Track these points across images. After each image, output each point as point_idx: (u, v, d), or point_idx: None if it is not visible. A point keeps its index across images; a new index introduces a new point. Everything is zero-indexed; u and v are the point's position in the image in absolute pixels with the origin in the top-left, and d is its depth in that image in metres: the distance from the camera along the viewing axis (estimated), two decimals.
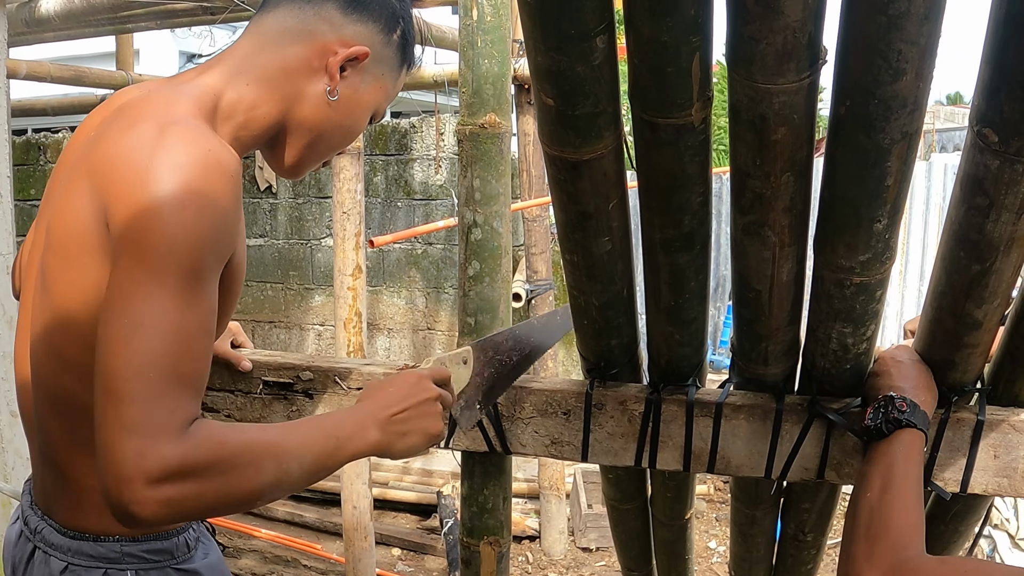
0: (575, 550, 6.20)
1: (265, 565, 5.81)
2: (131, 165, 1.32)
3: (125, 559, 1.54)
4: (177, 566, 1.59)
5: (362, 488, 3.39)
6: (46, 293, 1.48)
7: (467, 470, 2.04)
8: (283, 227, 8.56)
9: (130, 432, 1.18)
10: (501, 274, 1.92)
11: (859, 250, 1.49)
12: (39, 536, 1.58)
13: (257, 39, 1.59)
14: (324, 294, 8.46)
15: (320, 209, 8.34)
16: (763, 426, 1.78)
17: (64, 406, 1.50)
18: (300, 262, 8.55)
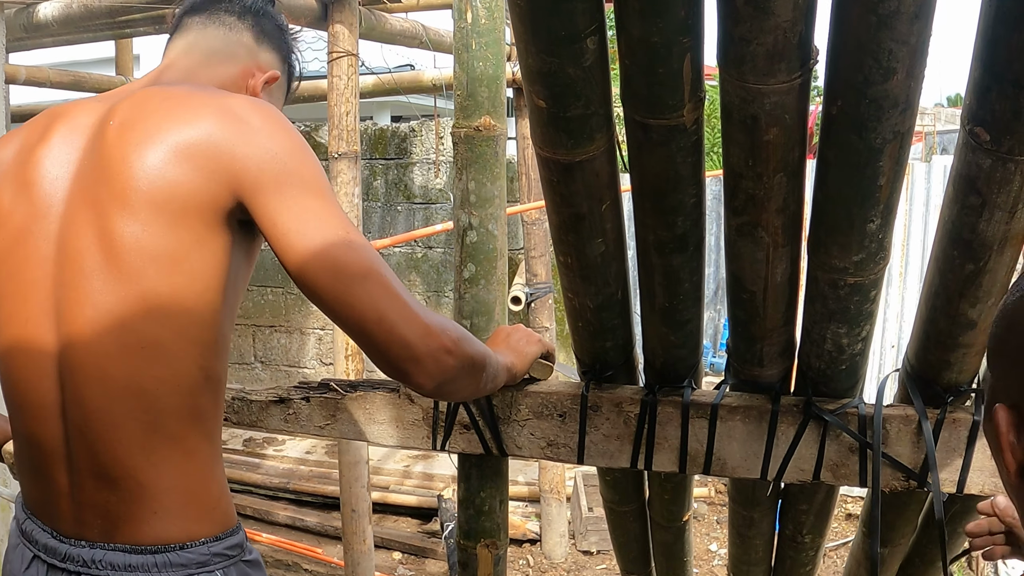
0: (576, 553, 6.19)
1: (267, 569, 5.81)
2: (249, 129, 1.46)
3: (213, 560, 1.53)
4: (244, 559, 1.61)
5: (360, 491, 3.38)
6: (117, 268, 1.43)
7: (464, 473, 2.04)
8: None
9: (418, 309, 1.42)
10: (496, 276, 1.91)
11: (853, 250, 1.49)
12: (101, 564, 1.50)
13: (192, 57, 1.72)
14: None
15: None
16: (759, 427, 1.78)
17: (145, 403, 1.46)
18: None
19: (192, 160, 1.42)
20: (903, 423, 1.76)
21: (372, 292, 1.39)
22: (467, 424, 1.93)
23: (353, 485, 3.37)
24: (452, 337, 1.45)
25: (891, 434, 1.76)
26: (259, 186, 1.41)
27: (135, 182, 1.42)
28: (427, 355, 1.41)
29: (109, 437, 1.47)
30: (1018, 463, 0.90)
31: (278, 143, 1.45)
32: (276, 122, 1.48)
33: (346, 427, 2.03)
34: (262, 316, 8.76)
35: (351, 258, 1.40)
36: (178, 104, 1.49)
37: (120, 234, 1.43)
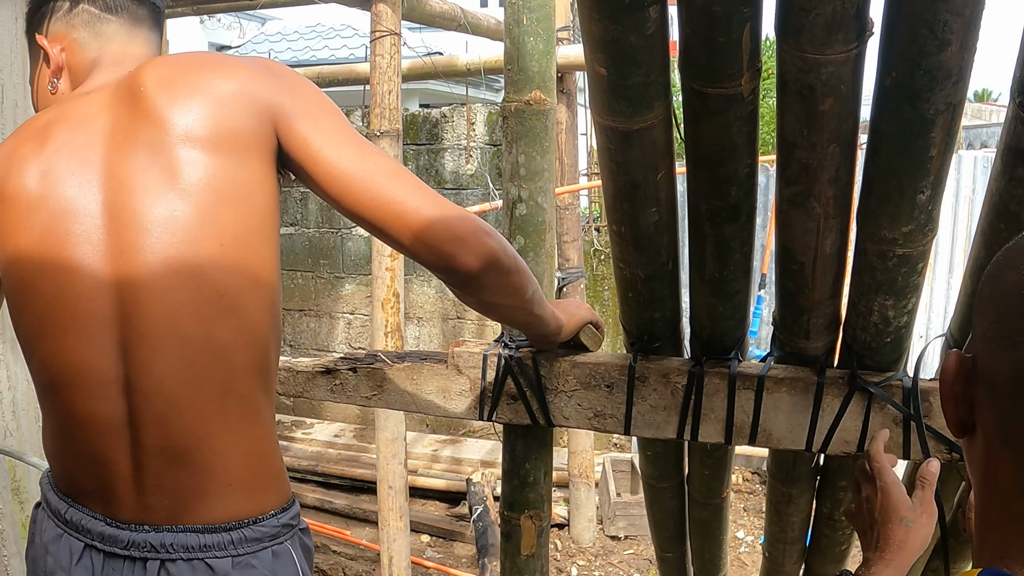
0: (604, 538, 6.22)
1: None
2: (278, 77, 1.53)
3: (283, 531, 1.52)
4: (301, 528, 1.62)
5: (398, 468, 3.41)
6: (198, 226, 1.43)
7: (508, 443, 2.07)
8: (314, 216, 8.60)
9: (450, 203, 1.51)
10: (545, 249, 1.94)
11: (902, 221, 1.51)
12: (170, 547, 1.46)
13: (146, 47, 1.70)
14: (354, 283, 8.50)
15: None
16: (804, 399, 1.80)
17: (218, 356, 1.44)
18: (331, 251, 8.59)
19: (241, 105, 1.47)
20: None
21: (406, 185, 1.48)
22: (514, 395, 1.96)
23: (391, 462, 3.40)
24: (485, 225, 1.52)
25: (934, 407, 1.78)
26: (292, 116, 1.49)
27: (197, 127, 1.44)
28: (469, 233, 1.46)
29: (183, 404, 1.44)
30: (958, 416, 0.88)
31: (299, 83, 1.55)
32: (290, 71, 1.60)
33: (393, 397, 2.06)
34: (292, 300, 8.81)
35: (380, 161, 1.50)
36: (208, 62, 1.54)
37: (188, 177, 1.43)
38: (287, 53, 14.07)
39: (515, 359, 1.94)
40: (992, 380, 0.83)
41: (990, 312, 0.86)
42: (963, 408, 0.88)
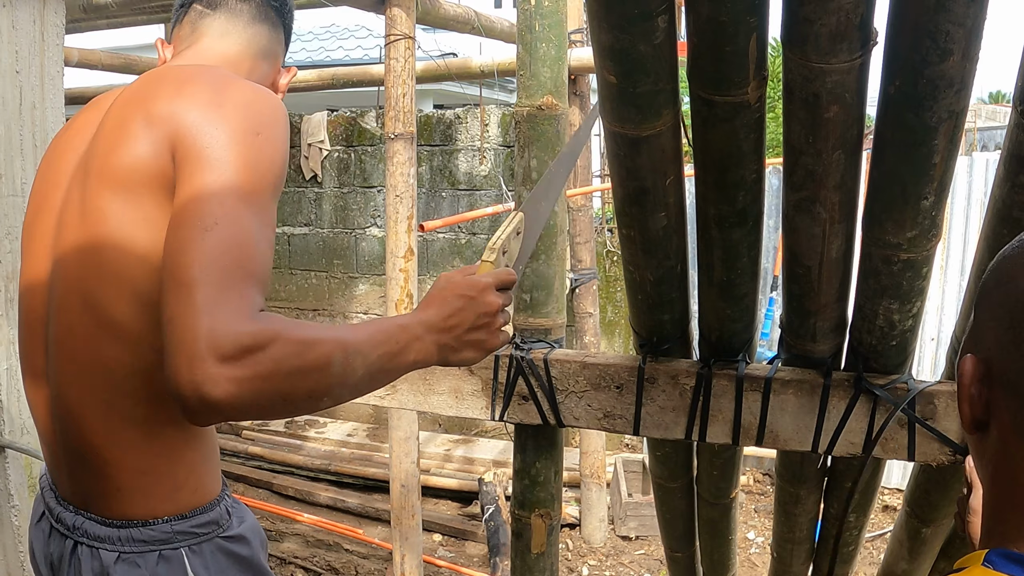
0: (615, 538, 6.24)
1: (307, 549, 5.89)
2: (204, 104, 1.39)
3: (176, 538, 1.53)
4: (223, 535, 1.60)
5: (411, 467, 3.44)
6: (85, 243, 1.44)
7: (519, 443, 2.10)
8: (328, 216, 8.64)
9: (203, 312, 1.18)
10: (557, 252, 1.97)
11: (906, 227, 1.54)
12: (80, 531, 1.54)
13: (237, 47, 1.69)
14: (368, 283, 8.54)
15: (365, 199, 8.41)
16: (811, 401, 1.83)
17: (107, 381, 1.46)
18: (345, 251, 8.62)
19: (152, 132, 1.40)
20: (950, 399, 1.80)
21: (200, 267, 1.24)
22: (525, 395, 1.99)
23: (403, 461, 3.43)
24: (253, 342, 1.20)
25: (939, 409, 1.80)
26: (194, 161, 1.35)
27: (107, 157, 1.44)
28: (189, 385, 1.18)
29: (77, 413, 1.49)
30: (973, 416, 0.91)
31: (225, 127, 1.37)
32: (235, 104, 1.41)
33: (406, 397, 2.09)
34: (305, 300, 8.85)
35: (210, 233, 1.27)
36: (162, 86, 1.47)
37: (89, 208, 1.44)
38: (301, 54, 14.04)
39: (527, 360, 1.97)
40: (1010, 382, 0.87)
41: (1004, 317, 0.89)
42: (978, 408, 0.91)
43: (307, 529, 6.07)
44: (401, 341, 1.38)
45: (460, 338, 1.47)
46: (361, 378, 1.32)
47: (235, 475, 7.05)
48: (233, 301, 1.21)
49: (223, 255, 1.24)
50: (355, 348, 1.29)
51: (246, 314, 1.21)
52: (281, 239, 8.86)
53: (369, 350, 1.32)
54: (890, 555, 2.61)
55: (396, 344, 1.37)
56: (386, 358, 1.35)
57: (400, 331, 1.39)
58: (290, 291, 8.93)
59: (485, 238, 7.97)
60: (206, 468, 1.60)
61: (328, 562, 5.64)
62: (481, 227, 7.95)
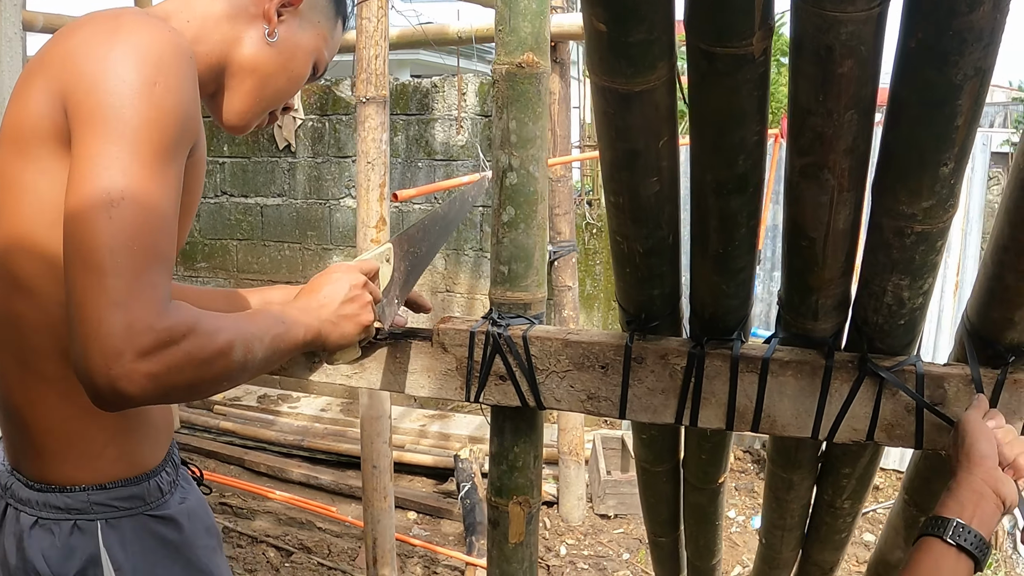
0: (593, 516, 6.13)
1: (279, 527, 5.76)
2: (93, 48, 1.29)
3: (93, 508, 1.47)
4: (151, 512, 1.53)
5: (382, 447, 3.31)
6: None
7: (496, 426, 1.96)
8: (302, 187, 8.48)
9: (117, 305, 1.17)
10: (537, 221, 1.83)
11: (922, 196, 1.41)
12: (9, 492, 1.54)
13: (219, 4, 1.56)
14: (342, 254, 8.39)
15: (339, 169, 8.25)
16: (811, 383, 1.70)
17: (18, 337, 1.44)
18: (318, 222, 8.47)
19: (46, 84, 1.32)
20: (962, 382, 1.67)
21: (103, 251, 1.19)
22: (503, 375, 1.86)
23: (375, 440, 3.29)
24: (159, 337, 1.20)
25: (949, 394, 1.68)
26: (86, 118, 1.26)
27: (10, 114, 1.39)
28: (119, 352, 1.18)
29: (1, 373, 1.49)
30: None
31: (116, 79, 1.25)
32: (127, 51, 1.28)
33: (374, 376, 1.95)
34: (278, 272, 8.69)
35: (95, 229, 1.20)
36: (61, 32, 1.39)
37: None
38: None
39: (504, 337, 1.83)
40: None
41: None
42: None
43: (279, 507, 5.94)
44: (287, 322, 1.48)
45: (337, 312, 1.60)
46: (259, 361, 1.39)
47: (207, 451, 6.92)
48: (147, 292, 1.20)
49: (133, 239, 1.21)
50: (253, 334, 1.37)
51: (160, 307, 1.22)
52: (254, 210, 8.70)
53: (263, 334, 1.40)
54: (884, 543, 2.49)
55: (283, 326, 1.46)
56: (279, 340, 1.44)
57: (285, 314, 1.50)
58: (263, 263, 8.78)
59: None
60: (134, 438, 1.53)
61: (300, 540, 5.51)
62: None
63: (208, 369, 1.27)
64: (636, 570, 5.50)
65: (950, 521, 1.35)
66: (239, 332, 1.33)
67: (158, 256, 1.23)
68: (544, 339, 1.81)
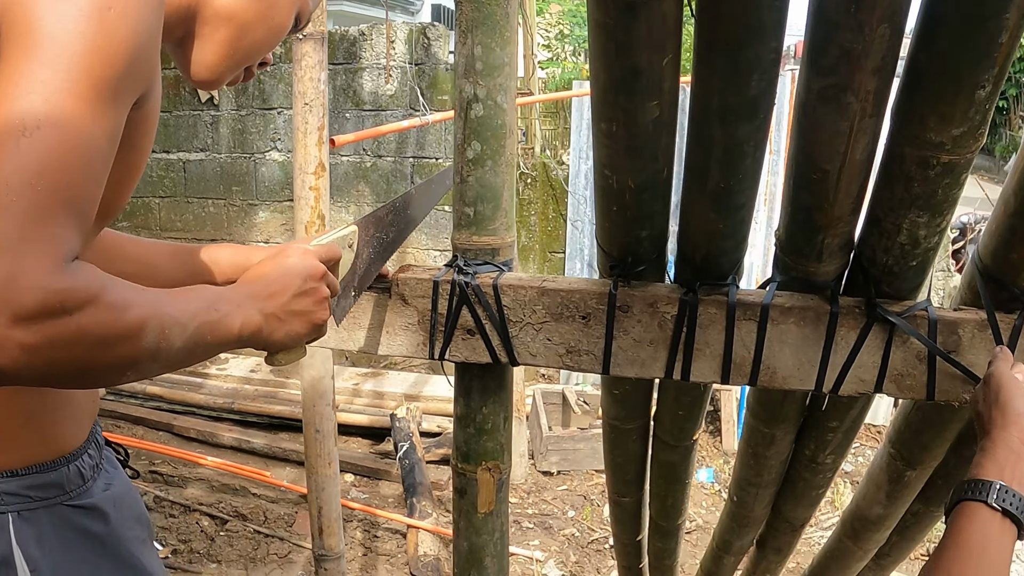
0: (536, 474, 6.01)
1: (212, 494, 5.56)
2: None
3: (4, 499, 1.25)
4: (71, 503, 1.32)
5: (325, 410, 3.13)
6: None
7: (463, 385, 1.80)
8: (225, 140, 8.19)
9: (2, 250, 0.93)
10: (505, 157, 1.66)
11: (954, 122, 1.26)
12: None
13: None
14: (269, 210, 8.14)
15: (264, 121, 7.98)
16: (815, 331, 1.56)
17: None
18: (243, 177, 8.19)
19: None
20: (977, 328, 1.54)
21: None
22: (471, 328, 1.69)
23: (317, 403, 3.11)
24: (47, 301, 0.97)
25: (963, 340, 1.54)
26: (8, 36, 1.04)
27: None
28: None
29: None
30: None
31: None
32: None
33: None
34: (203, 229, 8.42)
35: None
36: None
37: None
38: None
39: (472, 286, 1.66)
40: None
41: None
42: None
43: (211, 473, 5.73)
44: (222, 310, 1.20)
45: (286, 307, 1.32)
46: (177, 352, 1.12)
47: (134, 417, 6.67)
48: (43, 242, 0.96)
49: (39, 176, 0.97)
50: (173, 317, 1.10)
51: (57, 263, 0.97)
52: (176, 166, 8.40)
53: (188, 320, 1.13)
54: (863, 499, 2.37)
55: (216, 313, 1.19)
56: (206, 329, 1.17)
57: (220, 299, 1.22)
58: (187, 221, 8.50)
59: (392, 161, 7.63)
60: (55, 418, 1.32)
61: (235, 508, 5.32)
62: (387, 149, 7.60)
63: (106, 352, 1.02)
64: (582, 527, 5.40)
65: (992, 484, 1.21)
66: (156, 312, 1.07)
67: (69, 203, 1.00)
68: (517, 287, 1.65)
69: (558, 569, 4.94)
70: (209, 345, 1.18)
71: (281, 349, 1.35)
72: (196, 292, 1.20)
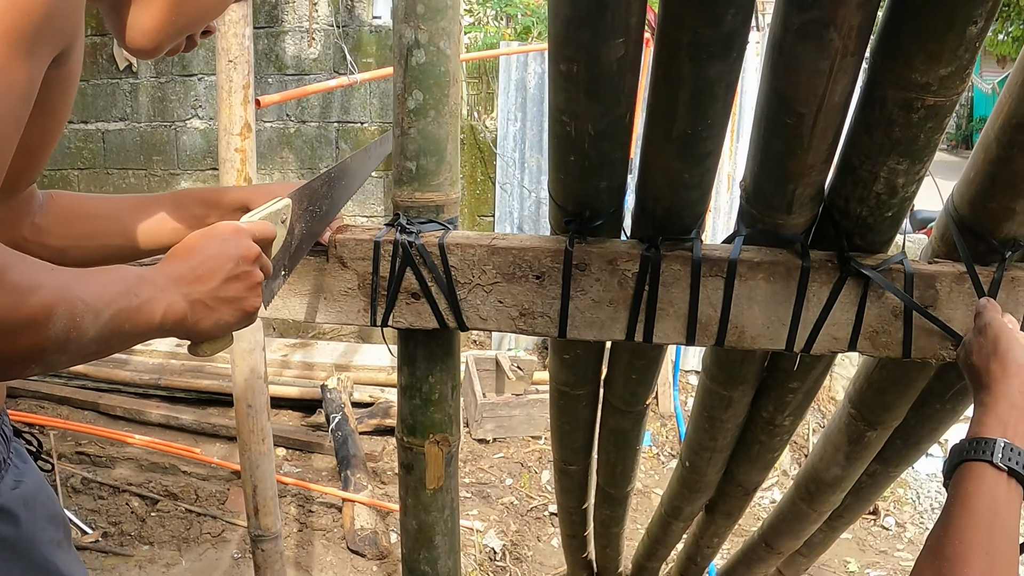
0: (471, 442, 5.91)
1: (142, 474, 5.38)
2: None
3: None
4: None
5: (257, 384, 2.99)
6: None
7: (407, 353, 1.69)
8: (145, 109, 7.94)
9: None
10: (449, 107, 1.54)
11: (942, 61, 1.18)
12: None
13: None
14: (191, 179, 7.92)
15: (185, 88, 7.74)
16: (785, 288, 1.47)
17: None
18: (164, 146, 7.96)
19: None
20: (955, 282, 1.46)
21: None
22: (415, 292, 1.58)
23: (248, 377, 2.97)
24: None
25: (941, 295, 1.46)
26: None
27: None
28: None
29: None
30: None
31: None
32: None
33: None
34: None
35: None
36: None
37: None
38: None
39: (416, 246, 1.55)
40: None
41: None
42: None
43: (140, 452, 5.55)
44: (141, 295, 1.06)
45: (215, 292, 1.17)
46: (89, 342, 0.99)
47: (58, 397, 6.44)
48: None
49: None
50: (85, 303, 0.97)
51: None
52: (95, 136, 8.13)
53: (103, 306, 1.00)
54: (819, 460, 2.30)
55: (136, 298, 1.05)
56: (124, 316, 1.03)
57: (141, 282, 1.07)
58: (107, 193, 8.23)
59: (316, 126, 7.45)
60: None
61: (165, 487, 5.15)
62: (312, 115, 7.41)
63: (5, 342, 0.90)
64: (520, 495, 5.31)
65: (995, 442, 1.13)
66: (65, 296, 0.95)
67: None
68: (465, 246, 1.54)
69: (498, 539, 4.85)
70: (126, 335, 1.05)
71: (207, 339, 1.21)
72: (113, 273, 1.06)
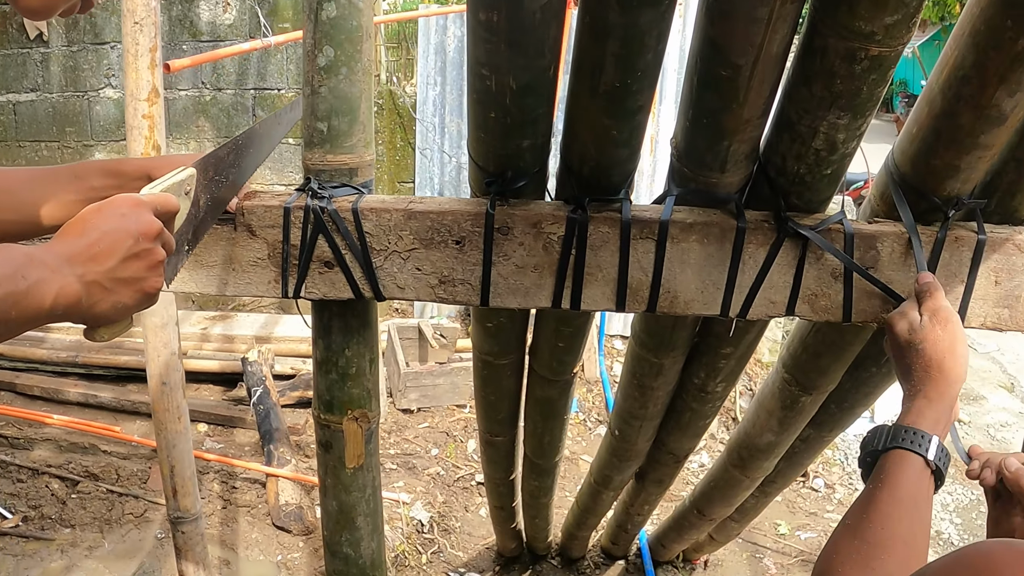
0: (395, 412, 5.81)
1: (61, 455, 5.21)
2: None
3: None
4: None
5: (171, 359, 2.87)
6: None
7: (321, 325, 1.59)
8: (57, 79, 7.69)
9: None
10: (362, 64, 1.44)
11: (888, 8, 1.12)
12: None
13: None
14: (105, 150, 7.70)
15: (97, 57, 7.50)
16: (720, 250, 1.39)
17: None
18: (77, 116, 7.72)
19: None
20: (897, 242, 1.39)
21: None
22: (329, 260, 1.48)
23: (162, 353, 2.85)
24: None
25: (882, 255, 1.40)
26: None
27: None
28: None
29: None
30: None
31: None
32: None
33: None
34: None
35: None
36: None
37: None
38: None
39: (329, 211, 1.45)
40: None
41: None
42: None
43: (58, 432, 5.38)
44: (31, 276, 0.96)
45: (112, 272, 1.06)
46: None
47: None
48: None
49: None
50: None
51: None
52: (5, 108, 7.87)
53: None
54: (752, 427, 2.25)
55: (24, 281, 0.95)
56: (10, 301, 0.93)
57: (29, 262, 0.97)
58: (19, 166, 8.00)
59: (232, 94, 7.26)
60: None
61: (85, 467, 4.99)
62: (227, 82, 7.22)
63: None
64: (447, 465, 5.23)
65: (932, 439, 1.16)
66: None
67: None
68: (380, 211, 1.44)
69: (425, 511, 4.77)
70: (13, 322, 0.95)
71: (104, 323, 1.09)
72: None
